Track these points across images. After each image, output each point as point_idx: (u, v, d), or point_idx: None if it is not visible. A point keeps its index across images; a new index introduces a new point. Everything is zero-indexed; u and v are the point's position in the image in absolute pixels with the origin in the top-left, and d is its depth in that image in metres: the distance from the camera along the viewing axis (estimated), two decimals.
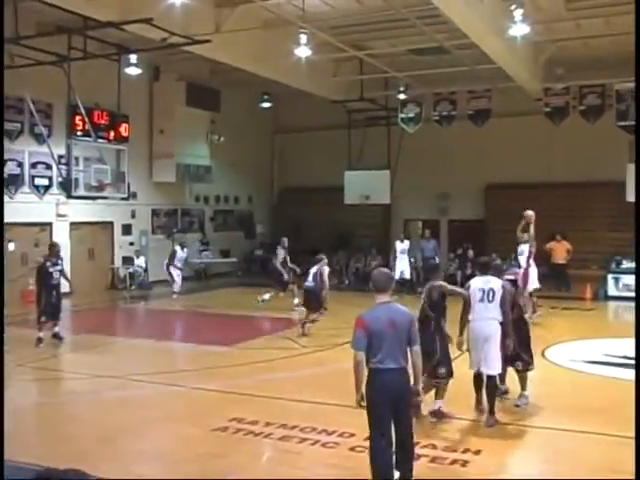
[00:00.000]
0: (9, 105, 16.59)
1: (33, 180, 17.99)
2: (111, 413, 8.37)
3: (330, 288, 14.02)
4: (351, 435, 7.11)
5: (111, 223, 20.62)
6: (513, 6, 13.19)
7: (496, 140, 22.03)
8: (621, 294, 18.00)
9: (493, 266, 8.46)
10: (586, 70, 18.71)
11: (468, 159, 22.87)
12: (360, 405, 5.52)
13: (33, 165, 17.95)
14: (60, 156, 17.04)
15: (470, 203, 23.88)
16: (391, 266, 18.39)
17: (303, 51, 15.09)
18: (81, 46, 15.70)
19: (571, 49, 18.08)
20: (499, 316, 7.65)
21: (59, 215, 18.68)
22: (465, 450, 6.87)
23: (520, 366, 8.28)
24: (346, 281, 21.96)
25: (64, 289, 13.33)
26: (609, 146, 20.01)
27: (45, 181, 18.28)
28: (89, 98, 17.47)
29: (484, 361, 7.63)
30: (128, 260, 20.70)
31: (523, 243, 13.95)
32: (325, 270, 13.61)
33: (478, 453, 6.81)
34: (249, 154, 25.00)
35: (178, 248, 18.81)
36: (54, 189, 18.39)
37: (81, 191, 17.03)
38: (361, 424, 5.60)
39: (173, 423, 7.98)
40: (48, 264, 12.36)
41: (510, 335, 7.74)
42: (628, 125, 18.67)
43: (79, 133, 17.39)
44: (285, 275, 16.46)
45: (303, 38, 14.77)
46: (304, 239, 22.81)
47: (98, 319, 15.86)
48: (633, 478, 5.04)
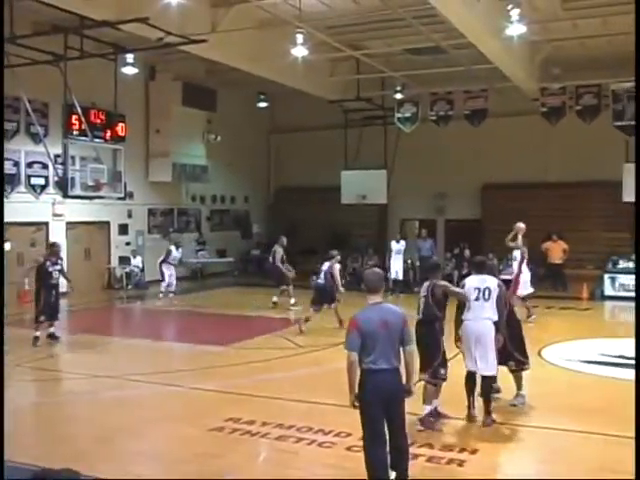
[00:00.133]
0: (5, 104, 16.50)
1: (29, 180, 17.97)
2: (108, 413, 8.37)
3: None
4: (348, 435, 7.10)
5: (107, 223, 20.60)
6: (510, 6, 13.21)
7: (493, 140, 22.05)
8: (617, 294, 18.03)
9: (488, 266, 8.42)
10: (582, 70, 18.73)
11: (465, 159, 22.88)
12: (354, 406, 5.53)
13: (29, 164, 17.93)
14: (56, 155, 16.99)
15: (467, 203, 23.90)
16: (386, 266, 18.44)
17: (299, 51, 15.07)
18: (77, 45, 15.65)
19: (567, 49, 18.09)
20: (494, 315, 7.60)
21: (55, 215, 18.66)
22: (462, 450, 6.87)
23: (513, 366, 8.24)
24: (342, 281, 21.89)
25: (62, 289, 13.32)
26: (605, 146, 20.01)
27: (41, 181, 18.26)
28: (85, 97, 17.49)
29: (479, 361, 7.58)
30: (124, 260, 20.67)
31: (515, 249, 13.90)
32: (336, 267, 13.65)
33: (475, 453, 6.82)
34: (245, 154, 25.00)
35: (173, 248, 18.81)
36: (50, 189, 18.38)
37: (77, 191, 16.99)
38: (358, 424, 5.60)
39: (170, 423, 7.98)
40: (48, 264, 12.37)
41: (501, 330, 7.68)
42: (624, 125, 18.77)
43: (75, 132, 17.46)
44: (285, 271, 16.50)
45: (299, 38, 14.76)
46: (300, 239, 22.82)
47: (95, 319, 15.86)
48: (632, 478, 5.05)
